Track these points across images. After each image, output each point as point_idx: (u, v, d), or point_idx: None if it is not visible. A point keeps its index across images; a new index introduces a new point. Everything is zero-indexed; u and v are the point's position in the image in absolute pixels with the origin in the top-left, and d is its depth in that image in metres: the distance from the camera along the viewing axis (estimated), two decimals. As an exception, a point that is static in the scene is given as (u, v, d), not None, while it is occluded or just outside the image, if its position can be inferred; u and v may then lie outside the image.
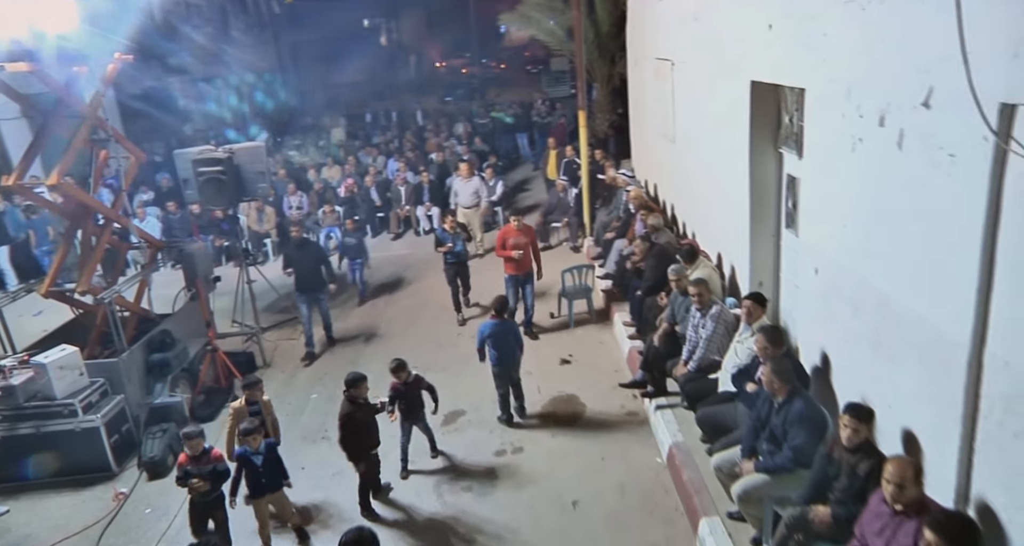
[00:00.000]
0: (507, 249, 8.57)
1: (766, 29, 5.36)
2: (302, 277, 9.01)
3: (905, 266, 3.80)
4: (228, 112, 24.94)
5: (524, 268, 8.72)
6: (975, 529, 3.01)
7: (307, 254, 9.06)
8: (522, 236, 8.61)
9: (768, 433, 4.69)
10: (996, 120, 2.95)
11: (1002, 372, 3.18)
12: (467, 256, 9.67)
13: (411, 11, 40.09)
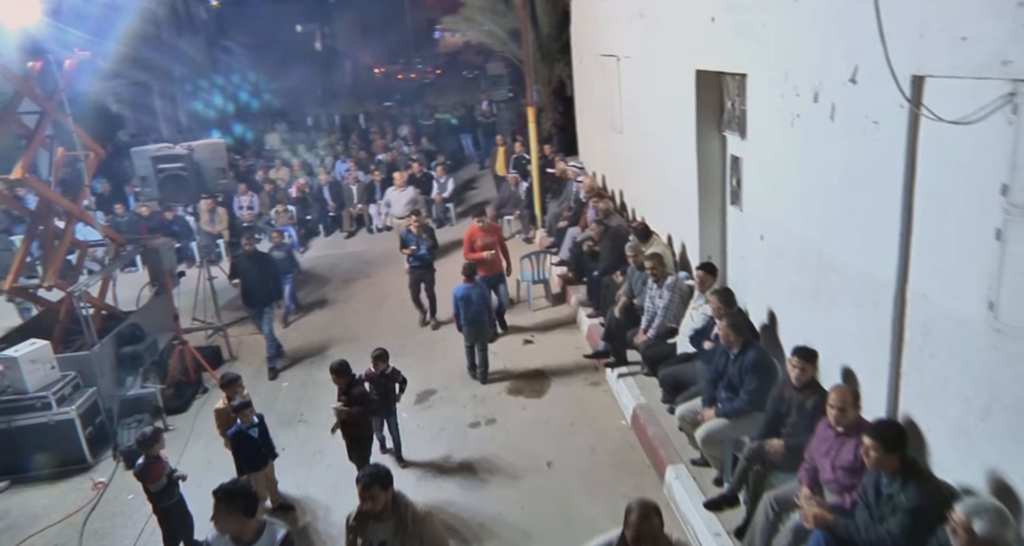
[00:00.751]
0: (476, 251, 8.44)
1: (709, 22, 5.95)
2: (249, 290, 8.65)
3: (840, 222, 4.39)
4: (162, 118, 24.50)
5: (495, 268, 8.61)
6: (903, 432, 3.58)
7: (258, 267, 8.67)
8: (488, 236, 8.55)
9: (726, 382, 5.23)
10: (909, 90, 3.54)
11: (921, 303, 3.77)
12: (432, 259, 9.31)
13: (345, 18, 40.10)
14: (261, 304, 8.65)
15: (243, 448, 5.44)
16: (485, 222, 8.63)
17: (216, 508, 3.46)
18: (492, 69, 30.68)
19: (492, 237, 8.57)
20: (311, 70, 34.48)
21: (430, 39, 41.15)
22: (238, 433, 5.45)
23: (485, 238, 8.52)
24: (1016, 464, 3.25)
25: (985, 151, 3.17)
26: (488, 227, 8.63)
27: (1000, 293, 3.22)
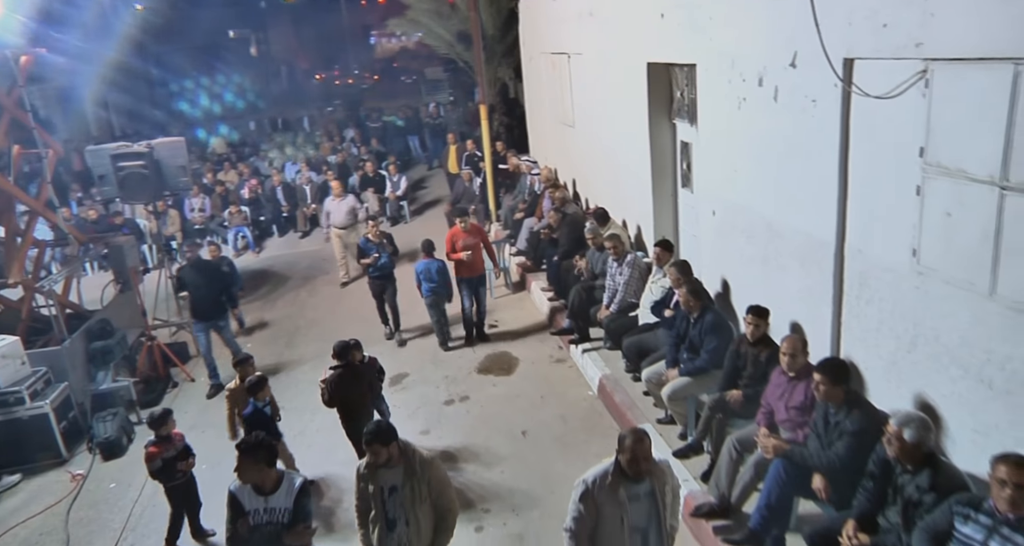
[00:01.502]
0: (457, 251, 8.18)
1: (659, 18, 6.48)
2: (199, 302, 8.12)
3: (785, 193, 4.94)
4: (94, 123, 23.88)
5: (476, 270, 8.32)
6: (847, 367, 4.13)
7: (205, 276, 8.20)
8: (470, 237, 8.23)
9: (687, 344, 5.73)
10: (841, 71, 4.10)
11: (857, 258, 4.34)
12: (393, 267, 8.81)
13: (279, 24, 39.73)
14: (213, 317, 8.16)
15: (258, 426, 5.49)
16: (468, 223, 8.29)
17: (240, 460, 3.72)
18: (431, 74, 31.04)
19: (475, 238, 8.28)
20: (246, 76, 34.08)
21: (366, 45, 41.16)
22: (255, 412, 5.57)
23: (467, 239, 8.21)
24: (935, 384, 3.82)
25: (905, 120, 3.74)
26: (472, 228, 8.33)
27: (921, 241, 3.79)
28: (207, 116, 27.67)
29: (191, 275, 8.17)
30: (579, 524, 3.48)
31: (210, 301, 8.12)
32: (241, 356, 6.03)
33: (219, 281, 8.35)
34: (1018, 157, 3.16)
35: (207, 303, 8.11)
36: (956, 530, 3.30)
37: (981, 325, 3.50)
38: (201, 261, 8.38)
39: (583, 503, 3.47)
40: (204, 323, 8.12)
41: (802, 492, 4.32)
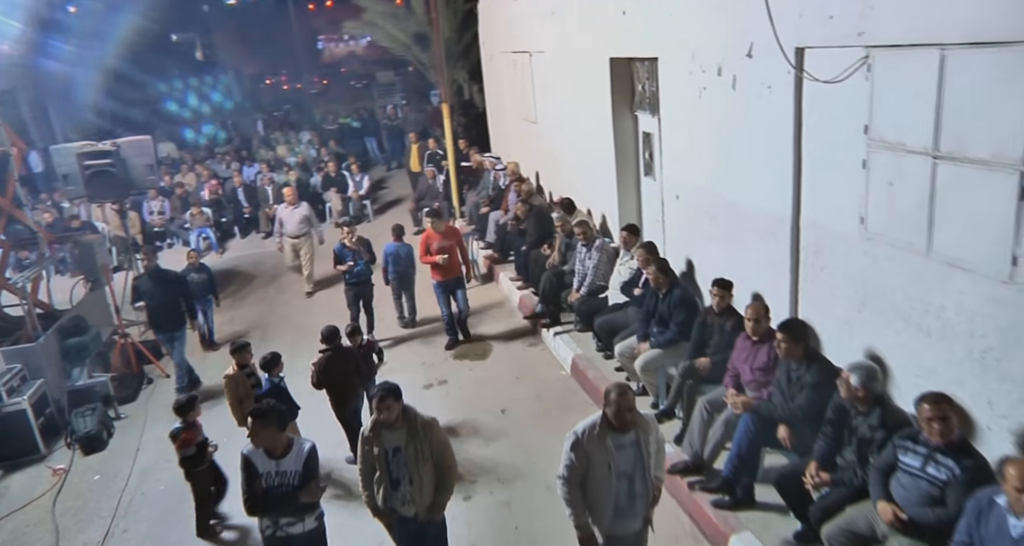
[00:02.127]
0: (432, 254, 7.92)
1: (621, 15, 6.89)
2: (156, 313, 7.83)
3: (744, 173, 5.39)
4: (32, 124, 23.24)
5: (453, 273, 8.07)
6: (806, 326, 4.59)
7: (163, 286, 7.81)
8: (445, 239, 7.96)
9: (657, 319, 6.13)
10: (794, 59, 4.54)
11: (811, 229, 4.80)
12: (370, 274, 8.57)
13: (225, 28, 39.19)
14: (171, 328, 7.83)
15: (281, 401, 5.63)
16: (441, 224, 8.03)
17: (253, 425, 3.94)
18: (383, 78, 31.14)
19: (449, 240, 7.99)
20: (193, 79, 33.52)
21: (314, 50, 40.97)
22: (273, 387, 5.71)
23: (441, 241, 7.92)
24: (882, 337, 4.29)
25: (851, 101, 4.20)
26: (447, 230, 8.07)
27: (867, 209, 4.25)
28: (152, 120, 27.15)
29: (148, 285, 7.82)
30: (571, 471, 3.79)
31: (168, 312, 7.80)
32: (239, 343, 6.15)
33: (178, 291, 7.93)
34: (947, 130, 3.63)
35: (164, 314, 7.81)
36: (900, 461, 3.76)
37: (920, 280, 3.97)
38: (159, 270, 8.05)
39: (574, 452, 3.79)
40: (162, 334, 7.91)
41: (769, 443, 4.74)
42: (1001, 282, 3.50)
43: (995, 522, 3.20)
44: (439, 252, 7.91)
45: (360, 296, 8.55)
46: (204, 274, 9.02)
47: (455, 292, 8.23)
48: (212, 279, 9.15)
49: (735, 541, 4.59)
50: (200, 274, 8.98)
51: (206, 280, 9.01)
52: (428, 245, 7.98)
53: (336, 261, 8.46)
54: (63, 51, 25.45)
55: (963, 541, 3.33)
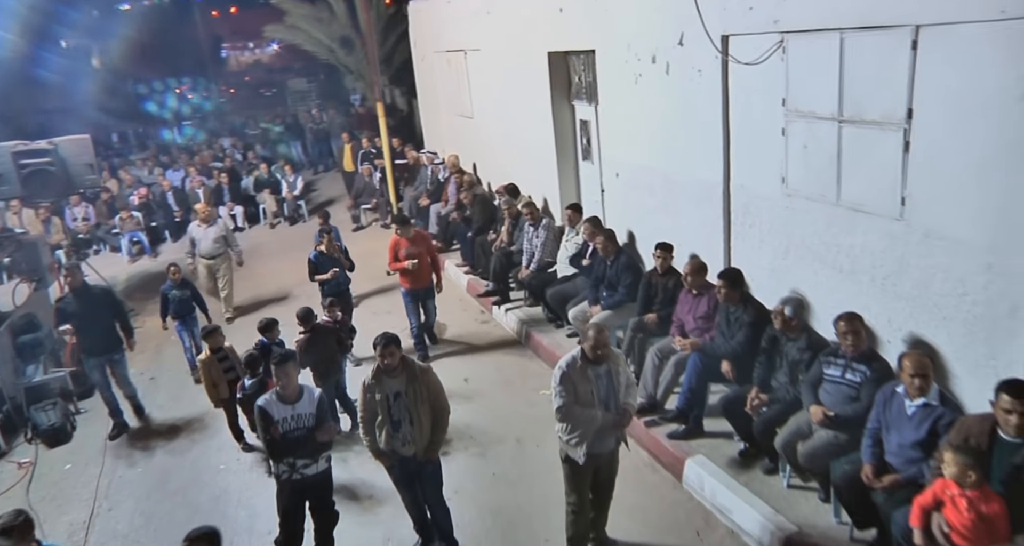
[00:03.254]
0: (400, 261, 7.49)
1: (558, 12, 7.58)
2: (88, 336, 6.98)
3: (679, 149, 6.14)
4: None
5: (423, 281, 7.63)
6: (742, 274, 5.34)
7: (92, 306, 6.90)
8: (413, 245, 7.51)
9: (606, 283, 6.82)
10: (720, 46, 5.31)
11: (740, 192, 5.59)
12: (349, 283, 8.16)
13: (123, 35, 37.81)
14: (107, 351, 6.98)
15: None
16: (410, 231, 7.57)
17: (277, 370, 4.39)
18: (295, 85, 30.98)
19: (418, 247, 7.55)
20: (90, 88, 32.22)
21: (218, 59, 40.12)
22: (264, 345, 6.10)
23: (410, 248, 7.47)
24: (804, 279, 5.10)
25: (769, 79, 5.00)
26: (415, 236, 7.63)
27: (787, 170, 5.06)
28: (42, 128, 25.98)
29: (74, 305, 6.86)
30: (566, 397, 4.31)
31: (100, 333, 6.96)
32: (209, 328, 6.36)
33: (109, 309, 7.06)
34: (848, 98, 4.46)
35: (97, 336, 6.96)
36: (824, 373, 4.55)
37: (832, 226, 4.79)
38: (86, 287, 7.07)
39: (563, 384, 4.34)
40: (96, 359, 7.00)
41: (714, 377, 5.48)
42: (894, 220, 4.34)
43: (896, 406, 4.01)
44: (407, 258, 7.46)
45: (339, 307, 7.65)
46: (187, 291, 8.00)
47: (425, 301, 7.80)
48: (197, 296, 8.12)
49: (690, 463, 5.28)
50: (182, 291, 7.96)
51: (189, 297, 7.99)
52: (396, 251, 7.55)
53: (313, 271, 7.86)
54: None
55: (874, 426, 4.12)
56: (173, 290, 7.92)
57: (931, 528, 3.50)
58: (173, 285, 7.91)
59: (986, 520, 3.34)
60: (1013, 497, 3.34)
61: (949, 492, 3.43)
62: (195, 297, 8.07)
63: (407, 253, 7.50)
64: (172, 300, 7.89)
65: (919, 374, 3.86)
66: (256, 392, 5.77)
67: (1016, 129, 3.60)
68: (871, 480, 4.01)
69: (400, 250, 7.54)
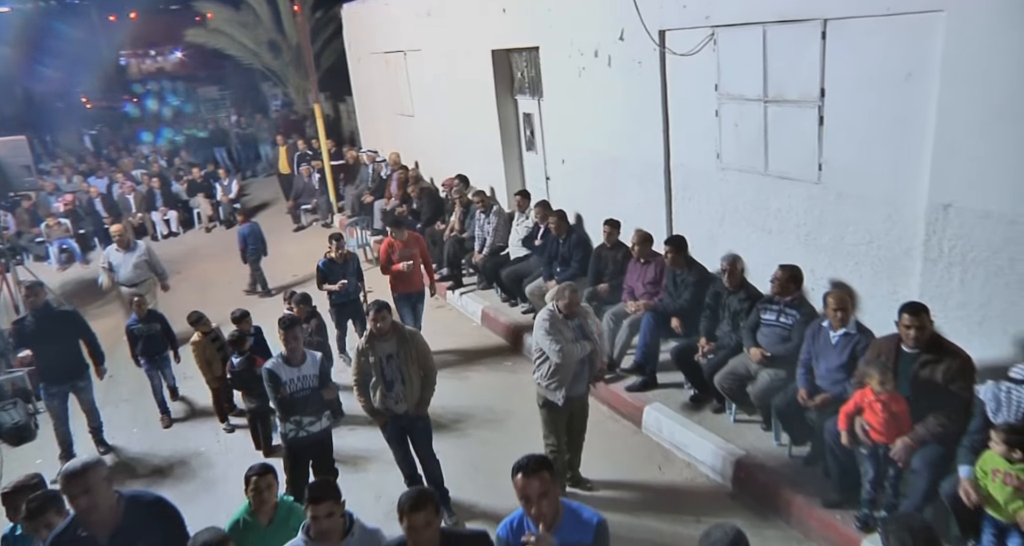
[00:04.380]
0: (395, 263, 7.26)
1: (501, 13, 8.16)
2: (49, 361, 6.33)
3: (623, 133, 6.83)
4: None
5: (416, 285, 7.45)
6: (685, 239, 6.05)
7: (54, 327, 6.29)
8: (407, 248, 7.29)
9: (559, 260, 7.43)
10: (658, 40, 6.03)
11: (680, 169, 6.32)
12: (359, 293, 7.68)
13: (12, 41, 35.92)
14: (70, 378, 6.38)
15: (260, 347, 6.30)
16: (403, 233, 7.35)
17: (285, 334, 4.76)
18: (206, 93, 30.38)
19: (412, 249, 7.34)
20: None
21: (117, 67, 38.70)
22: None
23: (403, 250, 7.26)
24: (738, 242, 5.85)
25: (703, 68, 5.74)
26: (409, 238, 7.40)
27: (721, 146, 5.81)
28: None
29: (33, 327, 6.28)
30: (558, 341, 4.79)
31: (63, 358, 6.32)
32: (195, 316, 6.55)
33: (74, 332, 6.45)
34: (771, 82, 5.24)
35: (59, 361, 6.32)
36: (761, 319, 5.29)
37: (761, 193, 5.56)
38: (48, 308, 6.51)
39: (553, 331, 4.83)
40: (58, 387, 6.36)
41: (665, 333, 6.16)
42: (813, 183, 5.13)
43: (823, 338, 4.78)
44: (401, 261, 7.24)
45: (349, 317, 7.56)
46: (156, 324, 6.96)
47: (415, 307, 7.52)
48: (167, 330, 7.09)
49: (648, 410, 5.94)
50: (150, 325, 6.90)
51: (159, 332, 6.96)
52: (390, 254, 7.30)
53: (321, 279, 7.40)
54: None
55: (805, 357, 4.87)
56: (139, 324, 6.87)
57: (854, 429, 4.26)
58: (138, 319, 6.87)
59: (895, 417, 4.11)
60: (914, 396, 4.13)
61: (867, 399, 4.19)
62: (166, 332, 7.06)
63: (401, 255, 7.26)
64: (139, 336, 6.85)
65: (840, 308, 4.64)
66: (245, 369, 6.07)
67: (904, 103, 4.43)
68: (806, 401, 4.76)
69: (394, 253, 7.29)
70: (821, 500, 4.56)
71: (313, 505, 3.15)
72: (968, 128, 4.10)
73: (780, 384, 5.09)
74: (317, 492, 3.19)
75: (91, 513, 3.12)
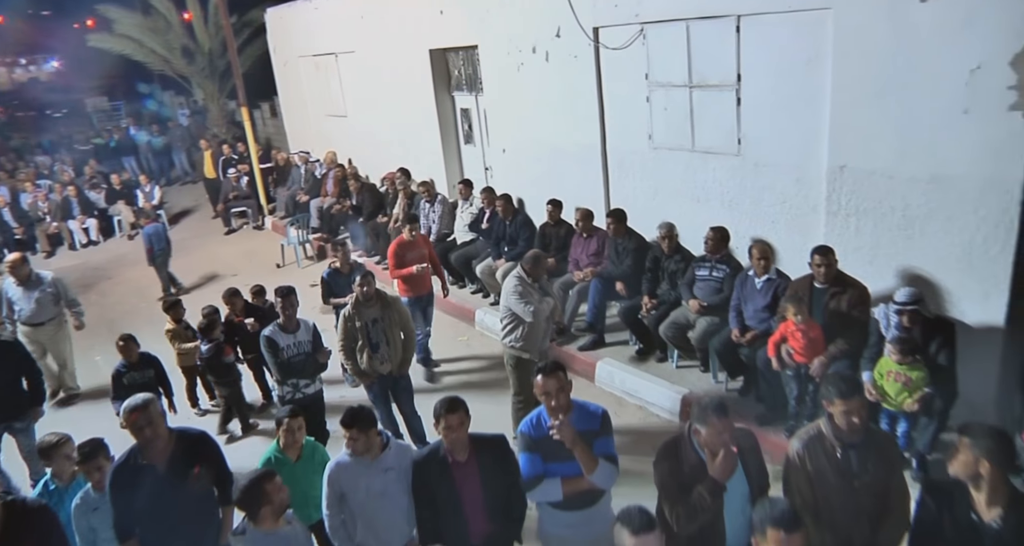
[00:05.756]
0: (406, 266, 6.87)
1: (439, 14, 8.76)
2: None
3: (561, 121, 7.56)
4: None
5: (426, 287, 7.11)
6: (624, 211, 6.82)
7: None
8: (416, 249, 6.98)
9: (507, 240, 8.07)
10: (592, 36, 6.80)
11: (615, 151, 7.11)
12: None
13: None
14: (5, 419, 5.68)
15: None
16: (418, 232, 7.07)
17: (283, 303, 5.15)
18: (98, 105, 29.27)
19: (421, 249, 7.05)
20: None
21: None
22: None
23: (413, 252, 6.95)
24: (670, 211, 6.66)
25: (634, 60, 6.54)
26: (418, 239, 7.07)
27: (652, 129, 6.63)
28: None
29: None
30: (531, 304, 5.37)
31: (3, 395, 5.62)
32: (171, 300, 6.71)
33: (13, 367, 5.71)
34: (694, 70, 6.09)
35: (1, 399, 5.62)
36: (696, 275, 6.13)
37: (689, 168, 6.41)
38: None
39: (525, 295, 5.40)
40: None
41: (611, 296, 6.92)
42: (734, 156, 6.02)
43: (749, 285, 5.64)
44: (412, 263, 6.87)
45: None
46: (150, 370, 5.98)
47: (425, 310, 7.18)
48: (162, 377, 6.12)
49: (600, 364, 6.66)
50: (143, 371, 5.93)
51: (152, 380, 5.92)
52: (401, 256, 6.92)
53: (327, 292, 6.88)
54: None
55: (735, 303, 5.72)
56: (129, 371, 5.89)
57: (781, 355, 5.12)
58: (127, 365, 5.89)
59: (813, 341, 5.00)
60: (826, 323, 5.03)
61: (790, 329, 5.06)
62: (161, 380, 6.07)
63: (411, 257, 6.90)
64: (128, 385, 5.69)
65: (763, 257, 5.51)
66: (214, 356, 6.36)
67: (805, 84, 5.36)
68: (739, 339, 5.60)
69: (405, 254, 6.90)
70: (755, 419, 5.40)
71: (346, 429, 3.65)
72: (855, 103, 5.05)
73: (716, 328, 5.92)
74: (347, 420, 3.69)
75: (153, 442, 3.50)
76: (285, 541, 3.33)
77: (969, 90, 4.47)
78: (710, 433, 3.01)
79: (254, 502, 3.23)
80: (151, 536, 3.59)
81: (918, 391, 4.54)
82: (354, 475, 3.67)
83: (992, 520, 2.73)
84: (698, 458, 3.14)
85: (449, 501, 3.48)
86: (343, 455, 3.67)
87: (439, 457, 3.50)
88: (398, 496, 3.64)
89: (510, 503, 3.57)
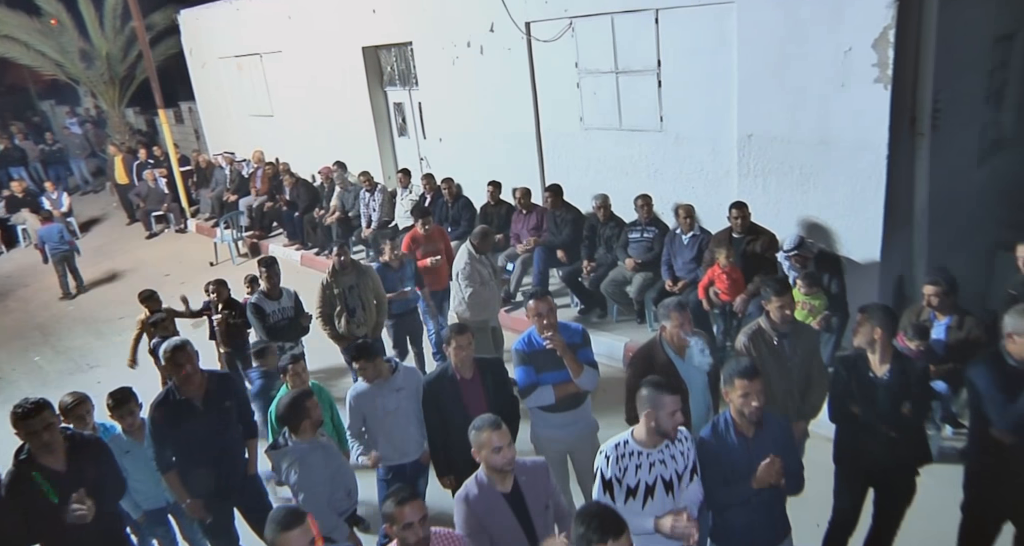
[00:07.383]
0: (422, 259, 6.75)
1: (371, 13, 9.27)
2: None
3: (497, 108, 8.25)
4: None
5: (442, 281, 6.86)
6: (561, 186, 7.58)
7: None
8: (430, 243, 6.86)
9: (450, 221, 8.67)
10: (525, 30, 7.54)
11: (549, 133, 7.89)
12: (416, 302, 6.66)
13: None
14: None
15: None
16: (431, 225, 6.96)
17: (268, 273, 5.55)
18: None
19: (437, 243, 6.95)
20: None
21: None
22: None
23: (427, 245, 6.84)
24: (603, 184, 7.48)
25: (565, 52, 7.34)
26: (433, 232, 6.97)
27: (583, 112, 7.45)
28: None
29: None
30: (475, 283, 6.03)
31: None
32: (145, 294, 6.80)
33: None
34: (620, 58, 6.96)
35: None
36: (629, 238, 6.97)
37: (618, 145, 7.27)
38: None
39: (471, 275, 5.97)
40: None
41: (553, 263, 7.66)
42: (657, 132, 6.92)
43: (677, 241, 6.54)
44: (426, 256, 6.78)
45: (407, 331, 6.58)
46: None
47: (441, 305, 6.95)
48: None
49: (548, 325, 7.38)
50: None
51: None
52: (413, 250, 6.79)
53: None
54: None
55: (666, 258, 6.60)
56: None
57: (709, 296, 6.02)
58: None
59: (735, 282, 5.93)
60: (744, 266, 5.97)
61: (716, 273, 5.97)
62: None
63: (424, 251, 6.79)
64: None
65: (688, 216, 6.42)
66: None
67: (716, 66, 6.30)
68: (671, 288, 6.47)
69: (418, 248, 6.79)
70: (691, 355, 6.26)
71: (355, 361, 4.21)
72: (756, 80, 6.03)
73: (650, 282, 6.78)
74: (355, 353, 4.24)
75: (192, 379, 3.91)
76: (323, 448, 3.83)
77: (844, 67, 5.51)
78: (672, 325, 3.78)
79: (297, 416, 3.72)
80: (190, 466, 3.98)
81: (819, 314, 5.53)
82: (370, 398, 4.21)
83: (883, 374, 3.62)
84: (666, 357, 3.89)
85: (457, 412, 4.08)
86: (360, 383, 4.20)
87: (448, 375, 4.10)
88: (410, 412, 4.22)
89: (508, 414, 4.21)
